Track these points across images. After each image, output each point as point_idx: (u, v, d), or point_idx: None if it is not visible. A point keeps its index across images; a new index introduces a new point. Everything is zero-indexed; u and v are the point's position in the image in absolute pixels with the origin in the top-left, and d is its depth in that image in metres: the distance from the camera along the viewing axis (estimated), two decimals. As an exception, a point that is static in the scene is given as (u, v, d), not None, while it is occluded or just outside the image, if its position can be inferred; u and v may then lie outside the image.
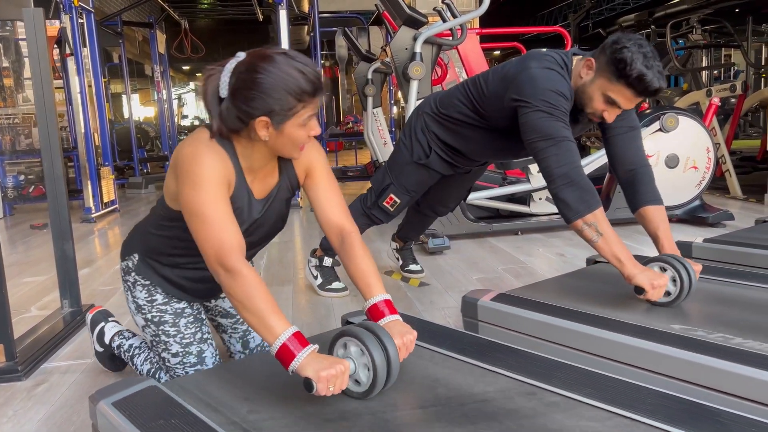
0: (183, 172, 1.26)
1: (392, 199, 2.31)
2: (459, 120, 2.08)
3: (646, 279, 1.59)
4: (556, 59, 1.79)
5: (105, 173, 5.39)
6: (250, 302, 1.15)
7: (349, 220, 1.42)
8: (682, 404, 1.08)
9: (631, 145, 1.88)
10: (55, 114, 2.29)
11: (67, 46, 4.92)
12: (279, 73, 1.19)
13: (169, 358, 1.52)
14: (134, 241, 1.57)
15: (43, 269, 3.31)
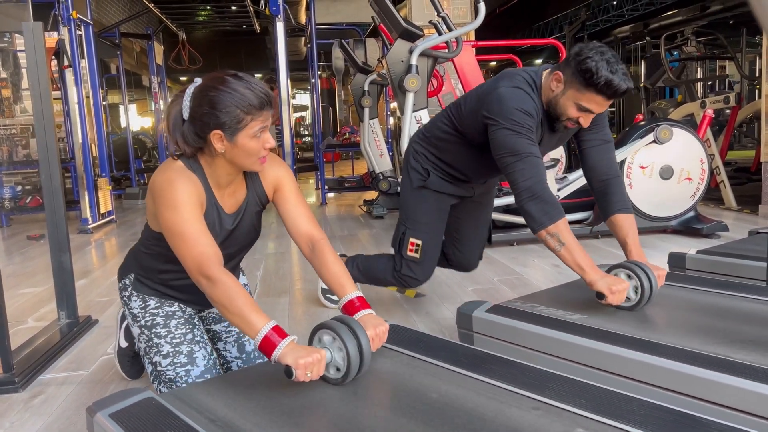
0: (159, 197, 1.38)
1: (413, 243, 2.22)
2: (443, 139, 2.16)
3: (605, 285, 1.66)
4: (526, 78, 1.89)
5: (102, 184, 5.40)
6: (231, 304, 1.26)
7: (317, 229, 1.52)
8: (672, 415, 1.09)
9: (605, 157, 1.98)
10: (53, 127, 2.31)
11: (66, 57, 4.95)
12: (228, 91, 1.32)
13: (160, 361, 1.52)
14: (129, 262, 1.68)
15: (40, 280, 3.32)
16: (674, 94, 10.30)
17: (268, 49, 14.19)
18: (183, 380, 1.48)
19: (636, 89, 9.02)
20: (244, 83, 1.34)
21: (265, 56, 15.23)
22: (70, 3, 4.91)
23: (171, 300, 1.62)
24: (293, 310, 2.60)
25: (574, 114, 1.81)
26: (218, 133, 1.35)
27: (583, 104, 1.77)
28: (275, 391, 1.27)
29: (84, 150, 5.12)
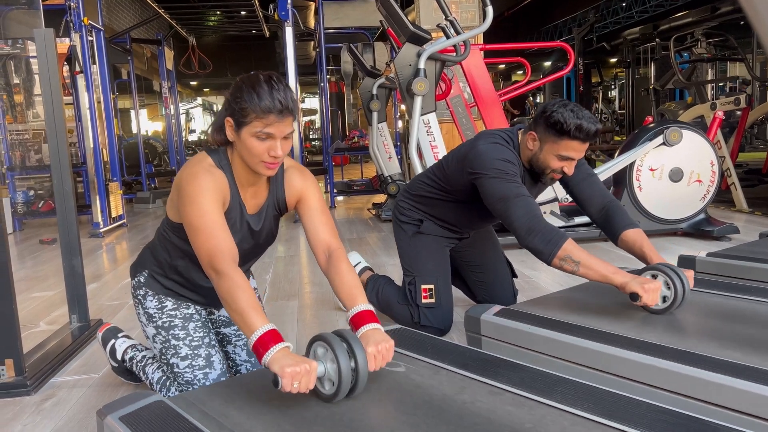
0: (182, 191, 1.41)
1: (426, 289, 2.20)
2: (428, 197, 2.23)
3: (638, 284, 1.64)
4: (501, 135, 2.02)
5: (113, 188, 5.44)
6: (233, 300, 1.26)
7: (336, 239, 1.52)
8: (681, 419, 1.09)
9: (595, 188, 2.07)
10: (65, 132, 2.34)
11: (77, 63, 5.00)
12: (251, 86, 1.36)
13: (178, 363, 1.57)
14: (142, 259, 1.69)
15: (52, 284, 3.35)
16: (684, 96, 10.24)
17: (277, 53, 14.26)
18: (200, 383, 1.54)
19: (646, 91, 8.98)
20: (269, 86, 1.36)
21: (274, 60, 15.31)
22: (81, 9, 4.97)
23: (186, 301, 1.64)
24: (302, 314, 2.61)
25: (557, 165, 1.93)
26: (229, 120, 1.40)
27: (562, 153, 1.89)
28: (286, 395, 1.28)
29: (95, 155, 5.17)
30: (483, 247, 2.41)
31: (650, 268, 1.75)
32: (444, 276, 2.25)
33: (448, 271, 2.28)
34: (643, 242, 1.87)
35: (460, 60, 3.50)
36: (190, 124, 17.73)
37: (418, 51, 3.35)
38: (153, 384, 1.68)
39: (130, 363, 1.80)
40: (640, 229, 1.93)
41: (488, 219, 2.23)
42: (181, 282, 1.63)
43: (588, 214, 2.08)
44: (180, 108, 10.69)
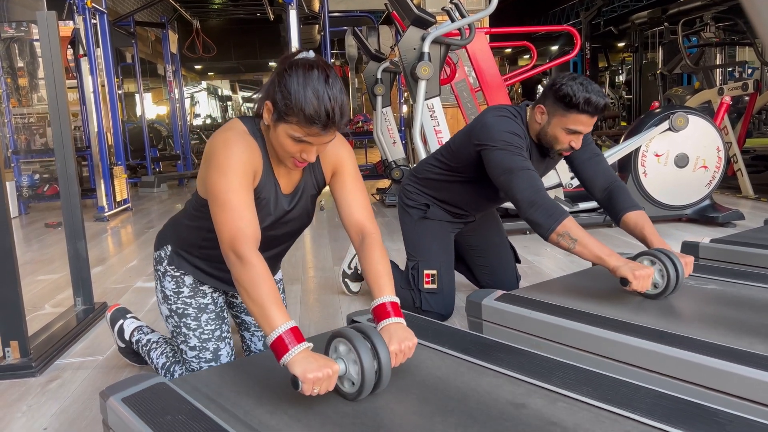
0: (212, 158, 1.31)
1: (428, 274, 2.21)
2: (435, 179, 2.22)
3: (629, 269, 1.64)
4: (509, 109, 2.02)
5: (118, 172, 5.46)
6: (254, 290, 1.18)
7: (371, 221, 1.44)
8: (680, 404, 1.09)
9: (599, 169, 2.06)
10: (68, 115, 2.34)
11: (81, 46, 4.99)
12: (301, 85, 1.23)
13: (187, 351, 1.58)
14: (167, 232, 1.63)
15: (57, 267, 3.37)
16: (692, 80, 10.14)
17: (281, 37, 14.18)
18: None
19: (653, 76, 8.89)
20: (321, 90, 1.23)
21: (279, 44, 15.22)
22: (84, -8, 4.94)
23: (206, 279, 1.58)
24: (305, 297, 2.62)
25: (565, 138, 1.92)
26: (269, 105, 1.29)
27: (570, 127, 1.89)
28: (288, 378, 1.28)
29: (100, 138, 5.17)
30: (487, 231, 2.41)
31: (646, 253, 1.75)
32: (447, 262, 2.25)
33: (451, 256, 2.29)
34: (645, 225, 1.87)
35: (465, 44, 3.47)
36: (195, 109, 17.69)
37: (423, 34, 3.32)
38: (158, 369, 1.69)
39: (136, 345, 1.82)
40: (643, 211, 1.92)
41: (494, 199, 2.21)
42: (207, 261, 1.57)
43: (592, 194, 2.07)
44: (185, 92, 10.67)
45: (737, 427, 1.00)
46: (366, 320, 1.64)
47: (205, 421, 1.11)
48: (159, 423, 1.11)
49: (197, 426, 1.10)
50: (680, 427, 1.01)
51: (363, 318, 1.66)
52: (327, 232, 4.19)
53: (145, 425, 1.11)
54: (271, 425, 1.11)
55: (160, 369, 1.68)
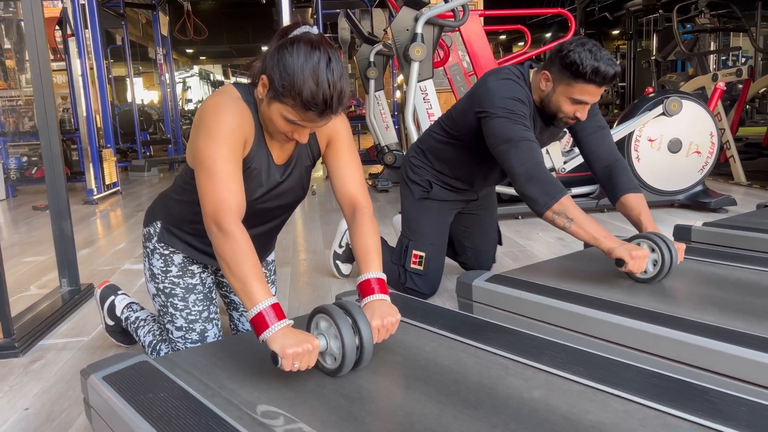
0: (202, 123, 1.26)
1: (416, 255, 2.18)
2: (438, 148, 2.17)
3: (625, 250, 1.62)
4: (513, 71, 1.91)
5: (107, 155, 5.39)
6: (236, 265, 1.15)
7: (364, 195, 1.40)
8: (671, 383, 1.08)
9: (603, 143, 1.97)
10: (52, 93, 2.29)
11: (69, 26, 4.90)
12: (300, 66, 1.17)
13: (173, 331, 1.56)
14: (157, 208, 1.59)
15: (44, 249, 3.33)
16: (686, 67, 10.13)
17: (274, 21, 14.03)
18: None
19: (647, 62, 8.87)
20: (322, 73, 1.17)
21: (271, 28, 15.06)
22: (72, -29, 4.85)
23: (197, 256, 1.55)
24: (295, 280, 2.59)
25: (570, 108, 1.82)
26: (266, 81, 1.22)
27: (576, 97, 1.79)
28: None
29: (88, 121, 5.11)
30: (482, 214, 2.38)
31: (641, 236, 1.73)
32: (438, 246, 2.22)
33: (444, 241, 2.26)
34: (642, 209, 1.84)
35: (459, 25, 3.43)
36: (187, 94, 17.53)
37: (416, 15, 3.28)
38: (145, 347, 1.67)
39: (125, 323, 1.79)
40: (641, 194, 1.88)
41: (495, 170, 2.14)
42: (197, 236, 1.53)
43: (592, 169, 2.00)
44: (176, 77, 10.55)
45: (729, 405, 0.99)
46: (354, 300, 1.62)
47: (187, 400, 1.09)
48: (140, 401, 1.09)
49: (180, 404, 1.08)
50: (672, 405, 1.00)
51: (351, 298, 1.64)
52: (318, 216, 4.16)
53: (126, 403, 1.08)
54: (254, 403, 1.08)
55: (147, 347, 1.65)
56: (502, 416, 1.00)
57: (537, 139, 1.94)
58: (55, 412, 1.48)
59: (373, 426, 1.00)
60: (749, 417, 0.95)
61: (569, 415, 0.99)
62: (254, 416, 1.04)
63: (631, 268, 1.63)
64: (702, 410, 0.98)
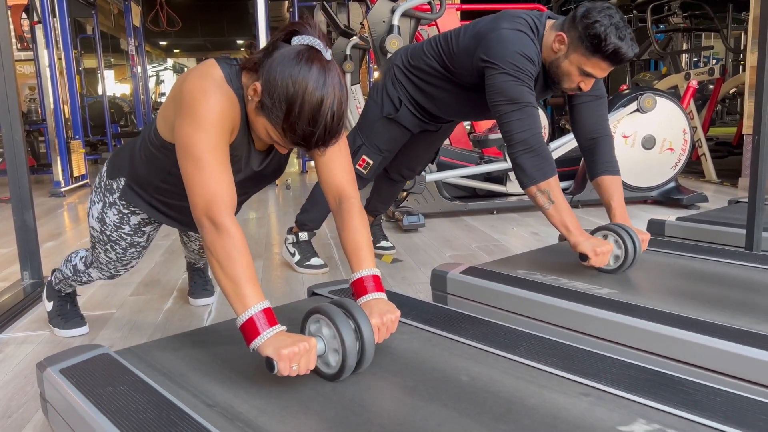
0: (186, 105, 1.15)
1: (365, 160, 2.22)
2: (427, 73, 2.06)
3: (590, 246, 1.63)
4: (528, 22, 1.79)
5: (75, 147, 5.25)
6: (228, 264, 1.07)
7: (351, 184, 1.31)
8: (645, 373, 1.06)
9: (595, 114, 1.90)
10: (14, 78, 2.20)
11: (35, 14, 4.76)
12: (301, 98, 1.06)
13: (101, 254, 1.64)
14: (122, 161, 1.50)
15: (6, 242, 3.22)
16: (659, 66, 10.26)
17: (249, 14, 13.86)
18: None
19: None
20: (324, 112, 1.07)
21: (246, 22, 14.90)
22: (39, -44, 4.71)
23: (160, 218, 1.53)
24: (268, 274, 2.54)
25: (577, 79, 1.74)
26: (258, 90, 1.11)
27: (587, 69, 1.71)
28: (242, 350, 1.22)
29: (56, 112, 4.97)
30: (436, 140, 2.42)
31: (604, 228, 1.74)
32: (386, 160, 2.28)
33: (391, 157, 2.31)
34: (614, 194, 1.83)
35: (435, 18, 3.40)
36: (160, 88, 17.24)
37: (392, 7, 3.24)
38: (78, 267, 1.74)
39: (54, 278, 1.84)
40: (619, 177, 1.86)
41: (476, 113, 2.09)
42: (163, 202, 1.48)
43: (577, 138, 1.95)
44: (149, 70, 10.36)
45: (704, 396, 0.98)
46: (327, 292, 1.59)
47: (148, 393, 1.04)
48: (98, 395, 1.04)
49: (140, 398, 1.03)
50: (646, 396, 0.98)
51: (324, 290, 1.60)
52: (292, 210, 4.10)
53: (83, 397, 1.03)
54: (218, 395, 1.04)
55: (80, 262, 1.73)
56: (475, 408, 0.97)
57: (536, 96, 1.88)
58: (11, 408, 1.41)
59: (332, 414, 0.96)
60: (724, 407, 0.94)
61: (543, 406, 0.97)
62: (217, 409, 0.99)
63: (594, 263, 1.64)
64: (677, 401, 0.96)
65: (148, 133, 1.39)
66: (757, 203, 1.95)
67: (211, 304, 2.14)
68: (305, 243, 2.54)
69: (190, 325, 1.92)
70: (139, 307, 2.14)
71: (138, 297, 2.25)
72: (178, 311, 2.08)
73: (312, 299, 1.59)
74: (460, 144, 4.14)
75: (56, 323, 1.85)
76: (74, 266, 1.75)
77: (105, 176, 1.54)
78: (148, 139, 1.39)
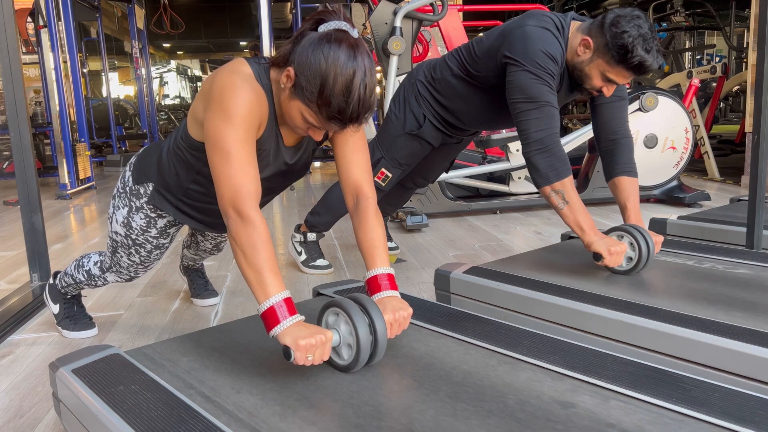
0: (215, 100, 1.20)
1: (384, 173, 2.23)
2: (451, 84, 2.06)
3: (604, 246, 1.64)
4: (554, 21, 1.79)
5: (81, 149, 5.29)
6: (252, 254, 1.11)
7: (368, 184, 1.34)
8: (645, 370, 1.08)
9: (617, 115, 1.91)
10: (22, 83, 2.23)
11: (41, 18, 4.80)
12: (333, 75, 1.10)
13: (123, 257, 1.65)
14: (149, 167, 1.53)
15: (15, 244, 3.26)
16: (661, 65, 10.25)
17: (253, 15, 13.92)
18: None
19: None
20: (355, 88, 1.11)
21: (250, 23, 14.96)
22: (44, -39, 4.75)
23: (186, 220, 1.55)
24: (272, 275, 2.56)
25: (599, 84, 1.75)
26: (292, 75, 1.15)
27: (611, 76, 1.72)
28: (250, 349, 1.24)
29: (62, 115, 5.00)
30: (453, 151, 2.44)
31: (620, 228, 1.75)
32: (405, 172, 2.30)
33: (411, 167, 2.32)
34: (630, 195, 1.84)
35: (438, 19, 3.42)
36: (164, 89, 17.29)
37: (395, 9, 3.26)
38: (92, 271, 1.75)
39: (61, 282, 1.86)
40: (635, 179, 1.87)
41: (500, 119, 2.09)
42: (190, 205, 1.52)
43: (597, 138, 1.96)
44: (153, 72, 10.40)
45: (702, 392, 1.00)
46: (332, 292, 1.61)
47: (159, 391, 1.07)
48: (110, 394, 1.07)
49: (151, 396, 1.05)
50: (646, 392, 1.00)
51: (329, 290, 1.62)
52: (297, 211, 4.13)
53: (95, 396, 1.06)
54: (228, 394, 1.07)
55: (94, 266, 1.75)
56: (477, 405, 0.99)
57: (559, 97, 1.88)
58: (24, 408, 1.44)
59: (338, 411, 0.99)
60: (722, 403, 0.96)
61: (545, 403, 0.99)
62: (228, 408, 1.02)
63: (608, 263, 1.65)
64: (676, 397, 0.98)
65: (177, 136, 1.43)
66: (758, 202, 1.97)
67: (217, 304, 2.16)
68: (313, 243, 2.57)
69: (197, 325, 1.95)
70: (147, 308, 2.17)
71: (145, 298, 2.28)
72: (185, 312, 2.10)
73: (317, 299, 1.61)
74: (462, 144, 4.16)
75: (65, 325, 1.88)
76: (88, 271, 1.76)
77: (130, 181, 1.56)
78: (178, 141, 1.43)
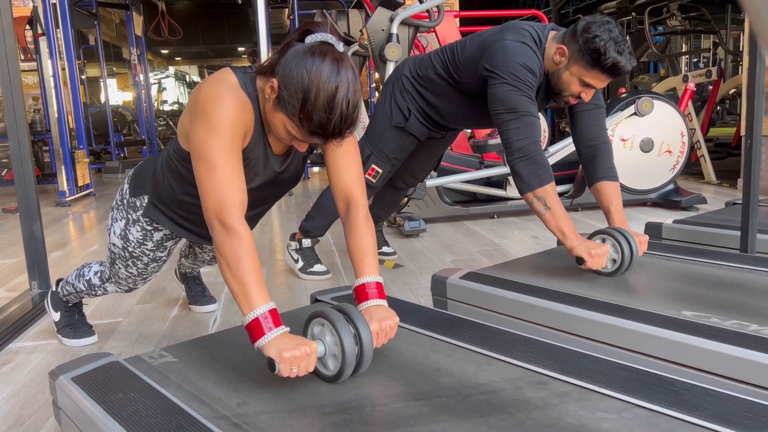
0: (200, 111, 1.20)
1: (374, 169, 2.28)
2: (434, 82, 2.14)
3: (584, 249, 1.67)
4: (532, 34, 1.85)
5: (79, 156, 5.31)
6: (236, 266, 1.11)
7: (360, 191, 1.34)
8: (638, 374, 1.10)
9: (595, 122, 1.96)
10: (21, 91, 2.25)
11: (39, 26, 4.82)
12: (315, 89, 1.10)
13: (121, 269, 1.66)
14: (144, 179, 1.54)
15: (14, 252, 3.27)
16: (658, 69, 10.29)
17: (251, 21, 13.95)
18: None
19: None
20: (337, 103, 1.10)
21: (248, 29, 14.99)
22: (42, -31, 4.77)
23: (181, 233, 1.56)
24: (272, 280, 2.58)
25: (577, 89, 1.81)
26: (275, 87, 1.15)
27: (587, 81, 1.78)
28: (249, 356, 1.25)
29: (60, 122, 5.02)
30: (439, 147, 2.49)
31: (601, 232, 1.78)
32: (395, 167, 2.34)
33: (400, 161, 2.36)
34: (613, 199, 1.87)
35: (434, 25, 3.44)
36: (162, 95, 17.31)
37: (391, 15, 3.28)
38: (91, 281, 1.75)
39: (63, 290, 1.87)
40: (617, 183, 1.91)
41: (481, 122, 2.15)
42: (185, 217, 1.52)
43: (576, 145, 2.00)
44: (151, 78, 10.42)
45: (695, 396, 1.01)
46: (330, 299, 1.62)
47: (158, 399, 1.08)
48: (110, 401, 1.08)
49: (150, 403, 1.07)
50: (639, 396, 1.01)
51: (327, 297, 1.64)
52: (295, 216, 4.14)
53: (95, 404, 1.07)
54: (228, 402, 1.08)
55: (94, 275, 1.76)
56: (473, 411, 1.01)
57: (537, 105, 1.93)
58: (24, 416, 1.45)
59: (343, 419, 1.00)
60: (714, 407, 0.97)
61: (540, 408, 1.00)
62: (227, 416, 1.03)
63: (590, 266, 1.68)
64: (668, 401, 0.99)
65: (170, 149, 1.44)
66: (751, 205, 1.98)
67: (216, 311, 2.18)
68: (308, 250, 2.58)
69: (196, 332, 1.96)
70: (146, 315, 2.18)
71: (144, 305, 2.29)
72: (184, 319, 2.12)
73: (315, 306, 1.62)
74: (460, 149, 4.18)
75: (65, 333, 1.89)
76: (88, 281, 1.76)
77: (128, 194, 1.56)
78: (171, 153, 1.43)
